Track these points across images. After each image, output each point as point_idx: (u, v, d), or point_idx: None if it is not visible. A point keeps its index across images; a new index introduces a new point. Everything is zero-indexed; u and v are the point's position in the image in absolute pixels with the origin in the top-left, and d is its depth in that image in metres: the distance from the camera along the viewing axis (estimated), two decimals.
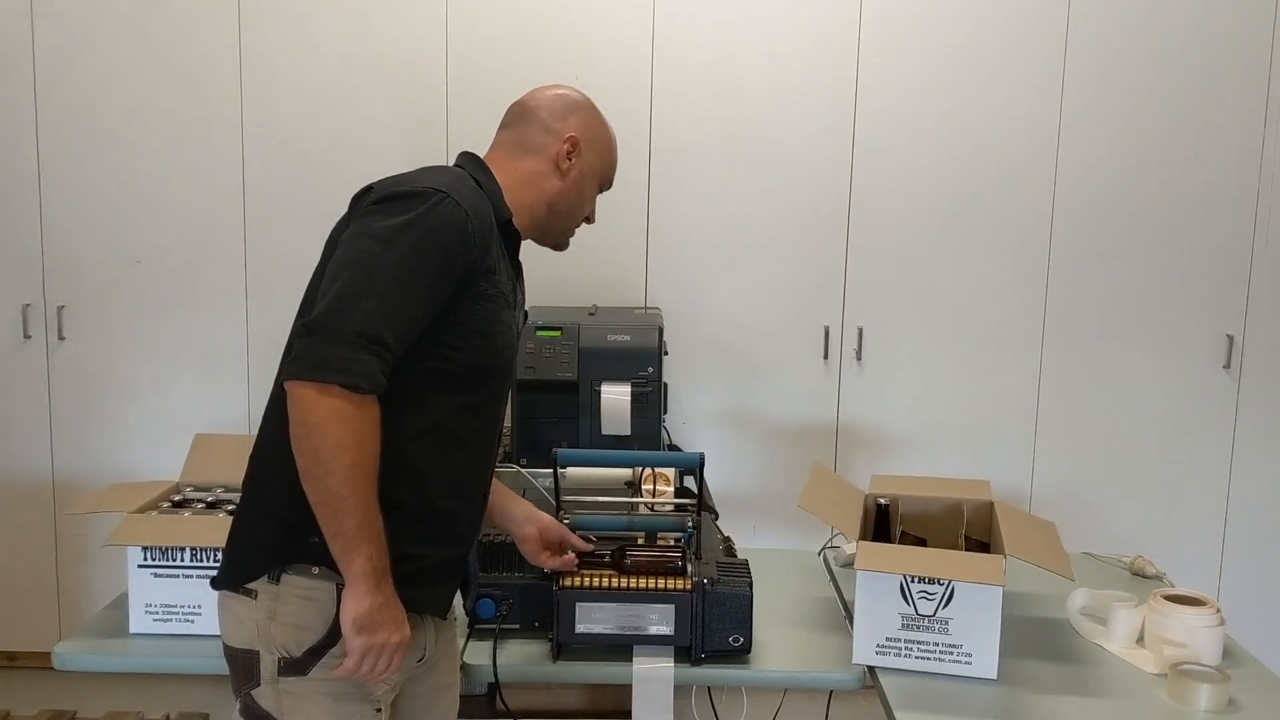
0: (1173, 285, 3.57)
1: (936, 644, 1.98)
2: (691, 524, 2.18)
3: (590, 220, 1.94)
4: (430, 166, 1.77)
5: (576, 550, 2.05)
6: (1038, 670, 2.03)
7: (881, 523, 2.30)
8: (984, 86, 3.50)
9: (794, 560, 2.63)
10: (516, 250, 1.84)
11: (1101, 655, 2.11)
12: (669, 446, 3.38)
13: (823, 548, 2.67)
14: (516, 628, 2.09)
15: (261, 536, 1.68)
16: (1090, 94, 3.49)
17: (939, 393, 3.62)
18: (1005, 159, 3.53)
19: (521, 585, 2.08)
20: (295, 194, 3.51)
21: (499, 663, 2.02)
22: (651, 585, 2.02)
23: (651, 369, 2.81)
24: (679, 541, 2.16)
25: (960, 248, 3.56)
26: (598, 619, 2.03)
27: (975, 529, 2.28)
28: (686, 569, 2.04)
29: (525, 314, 1.93)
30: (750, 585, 2.04)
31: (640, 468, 2.44)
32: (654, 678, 2.03)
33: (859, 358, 3.59)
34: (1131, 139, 3.52)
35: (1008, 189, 3.54)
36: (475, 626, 2.06)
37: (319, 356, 1.53)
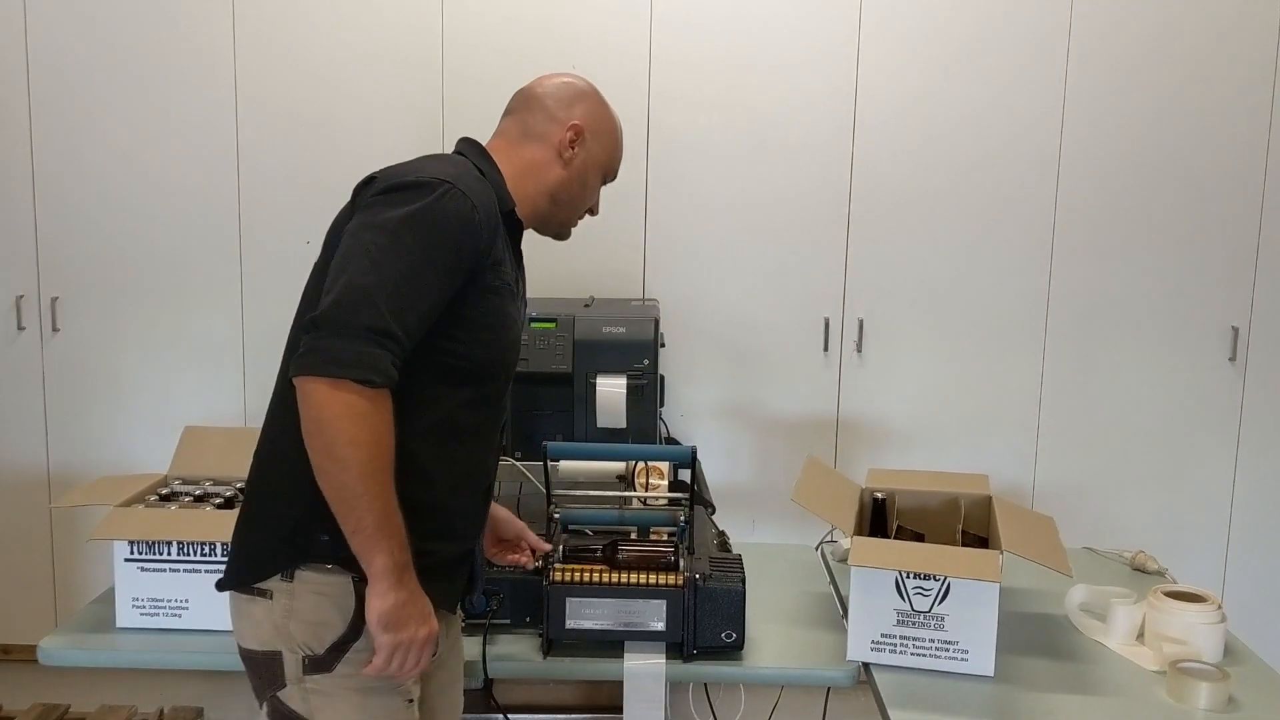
0: (1177, 276, 3.53)
1: (932, 640, 1.95)
2: (683, 518, 2.15)
3: (594, 212, 1.91)
4: (433, 155, 1.75)
5: (534, 549, 2.03)
6: (1035, 667, 2.01)
7: (878, 517, 2.27)
8: (986, 77, 3.46)
9: (791, 555, 2.61)
10: (519, 240, 1.81)
11: (1100, 652, 2.08)
12: (666, 439, 3.36)
13: (820, 542, 2.64)
14: (507, 623, 2.07)
15: (271, 536, 1.65)
16: (1094, 85, 3.45)
17: (940, 385, 3.59)
18: (1008, 149, 3.49)
19: (512, 580, 2.05)
20: (291, 185, 3.49)
21: (489, 658, 2.00)
22: (643, 580, 2.00)
23: (647, 361, 2.78)
24: (672, 536, 2.13)
25: (962, 239, 3.53)
26: (589, 614, 2.00)
27: (973, 524, 2.25)
28: (679, 564, 2.02)
29: (526, 303, 1.90)
30: (743, 581, 2.01)
31: (633, 461, 2.41)
32: (645, 674, 2.01)
33: (859, 350, 3.56)
34: (1135, 129, 3.48)
35: (1010, 179, 3.50)
36: (465, 621, 2.04)
37: (329, 351, 1.49)
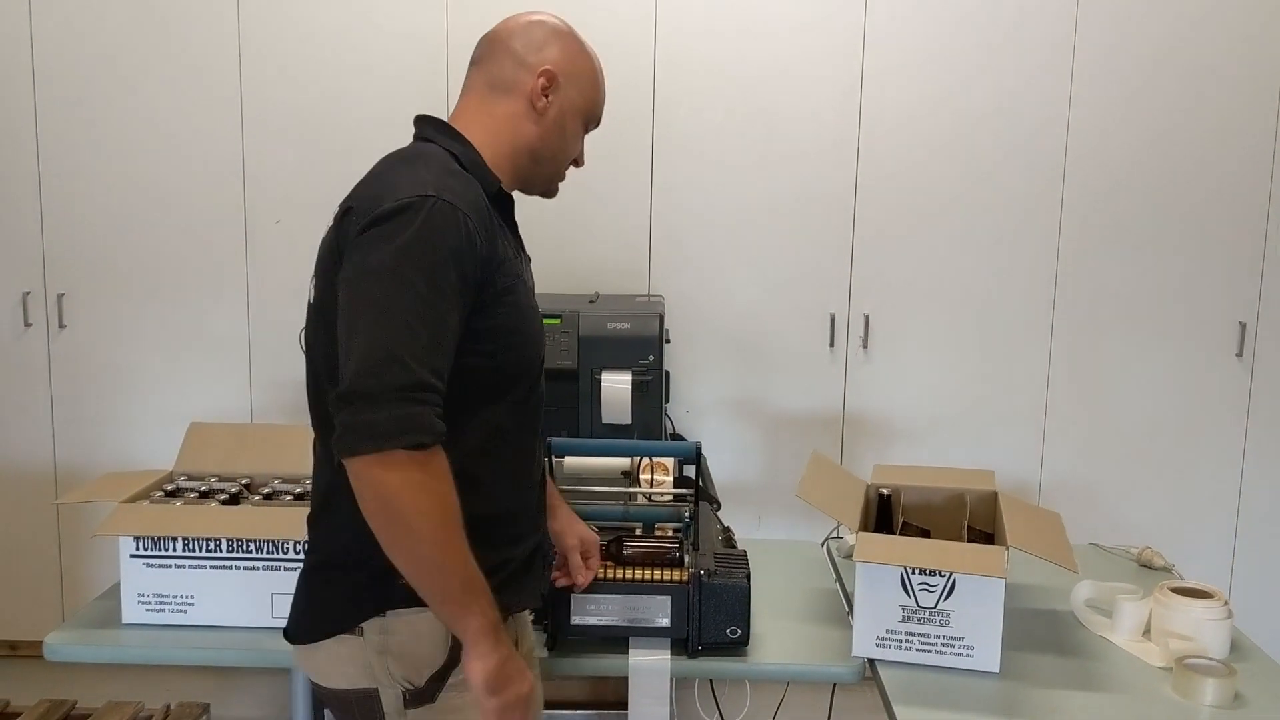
0: (1184, 271, 3.52)
1: (938, 636, 1.95)
2: (688, 514, 2.15)
3: (579, 163, 1.78)
4: (400, 160, 1.62)
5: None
6: (1041, 663, 2.00)
7: (884, 513, 2.27)
8: (992, 73, 3.45)
9: (797, 551, 2.61)
10: (511, 212, 1.71)
11: (1106, 648, 2.07)
12: (672, 436, 3.35)
13: (825, 538, 2.63)
14: None
15: (347, 588, 1.58)
16: (1100, 79, 3.44)
17: (947, 381, 3.58)
18: (1014, 146, 3.48)
19: None
20: (296, 180, 3.49)
21: None
22: (648, 577, 1.99)
23: (652, 357, 2.78)
24: (677, 532, 2.13)
25: (969, 234, 3.52)
26: (593, 610, 2.00)
27: (979, 520, 2.24)
28: (684, 560, 2.02)
29: (532, 274, 1.79)
30: (748, 577, 2.01)
31: (638, 457, 2.40)
32: (651, 670, 2.01)
33: (865, 346, 3.55)
34: (1142, 123, 3.46)
35: (1016, 176, 3.49)
36: None
37: (369, 426, 1.40)
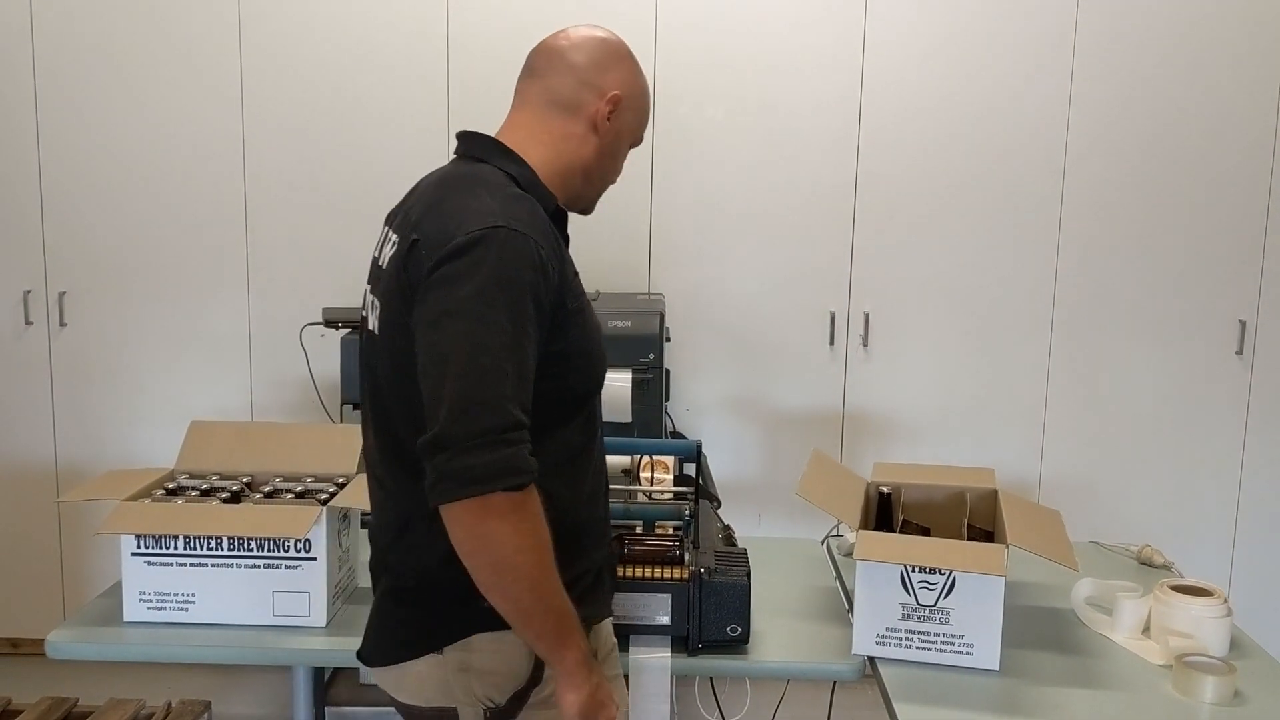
0: (1184, 269, 3.52)
1: (938, 634, 1.95)
2: (689, 512, 2.15)
3: (613, 181, 1.75)
4: (460, 187, 1.56)
5: None
6: (1041, 661, 2.00)
7: (884, 511, 2.27)
8: (992, 70, 3.45)
9: (797, 549, 2.61)
10: (565, 227, 1.68)
11: (1106, 646, 2.08)
12: (672, 434, 3.36)
13: (826, 536, 2.64)
14: None
15: (430, 613, 1.58)
16: (1100, 77, 3.44)
17: (947, 379, 3.58)
18: (1014, 143, 3.48)
19: None
20: (297, 177, 3.49)
21: None
22: (648, 575, 1.99)
23: (653, 355, 2.78)
24: (677, 530, 2.13)
25: (969, 232, 3.52)
26: None
27: (979, 518, 2.24)
28: (684, 558, 2.02)
29: None
30: (748, 575, 2.01)
31: (638, 455, 2.41)
32: (651, 667, 2.01)
33: (865, 344, 3.56)
34: (1142, 121, 3.46)
35: (1016, 173, 3.49)
36: None
37: (467, 472, 1.39)
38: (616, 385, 2.73)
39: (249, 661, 2.14)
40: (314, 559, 2.08)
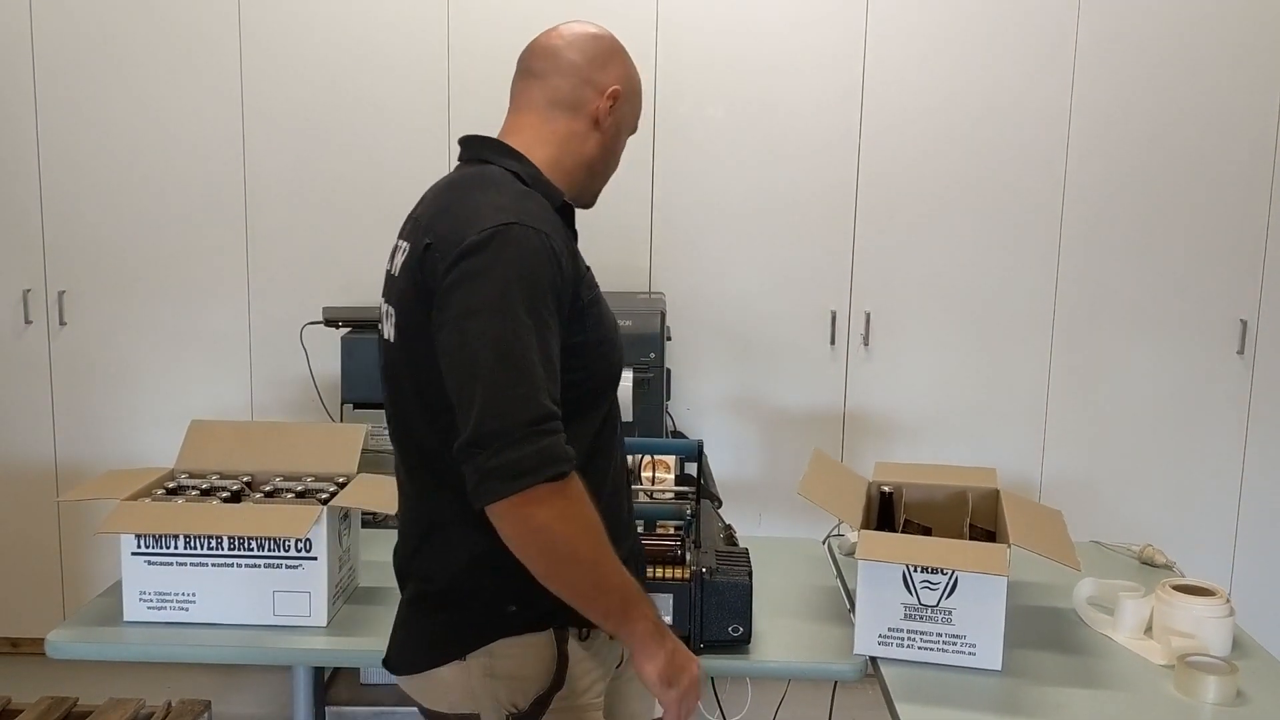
0: (1185, 269, 3.52)
1: (939, 634, 1.95)
2: (690, 512, 2.14)
3: (614, 170, 1.77)
4: (470, 187, 1.57)
5: None
6: (1043, 661, 2.00)
7: (885, 511, 2.26)
8: (994, 70, 3.45)
9: (798, 548, 2.60)
10: (573, 222, 1.68)
11: (1108, 646, 2.07)
12: (673, 433, 3.36)
13: (827, 536, 2.63)
14: None
15: (457, 620, 1.58)
16: (1101, 77, 3.44)
17: (948, 379, 3.58)
18: (1015, 143, 3.48)
19: None
20: (297, 177, 3.49)
21: None
22: (650, 574, 1.99)
23: (654, 355, 2.78)
24: (678, 530, 2.13)
25: (970, 232, 3.52)
26: None
27: (981, 518, 2.24)
28: (685, 558, 2.01)
29: None
30: (749, 575, 2.00)
31: (639, 455, 2.40)
32: None
33: (866, 343, 3.55)
34: (1143, 121, 3.46)
35: (1018, 173, 3.49)
36: None
37: (508, 469, 1.39)
38: None
39: (249, 661, 2.14)
40: (314, 559, 2.07)
